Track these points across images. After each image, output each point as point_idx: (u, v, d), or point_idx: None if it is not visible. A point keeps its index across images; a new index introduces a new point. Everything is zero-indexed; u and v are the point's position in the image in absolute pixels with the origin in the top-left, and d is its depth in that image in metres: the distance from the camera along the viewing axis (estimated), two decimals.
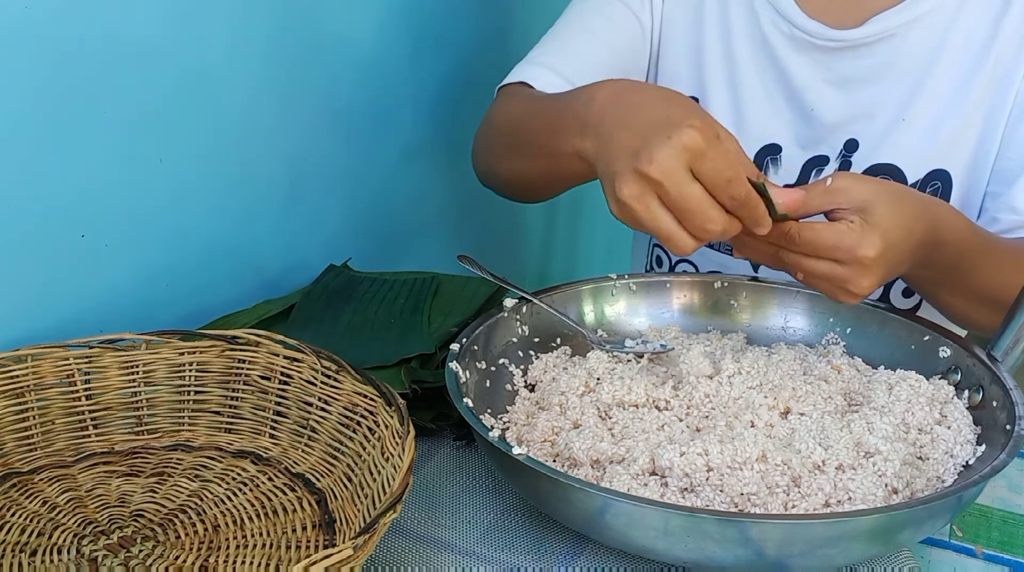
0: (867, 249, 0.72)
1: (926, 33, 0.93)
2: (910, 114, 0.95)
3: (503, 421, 0.79)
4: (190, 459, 0.79)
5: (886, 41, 0.94)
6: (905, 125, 0.95)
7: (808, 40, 0.96)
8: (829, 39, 0.95)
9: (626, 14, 1.02)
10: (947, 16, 0.93)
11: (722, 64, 1.01)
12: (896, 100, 0.95)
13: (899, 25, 0.93)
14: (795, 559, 0.62)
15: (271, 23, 0.99)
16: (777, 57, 0.98)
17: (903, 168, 0.95)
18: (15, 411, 0.77)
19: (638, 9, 1.03)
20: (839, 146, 0.98)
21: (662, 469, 0.68)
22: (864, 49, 0.95)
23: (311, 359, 0.78)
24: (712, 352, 0.84)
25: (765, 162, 1.00)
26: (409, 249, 1.27)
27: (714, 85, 1.02)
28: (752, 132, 1.00)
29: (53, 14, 0.79)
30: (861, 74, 0.96)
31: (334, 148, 1.12)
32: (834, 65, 0.96)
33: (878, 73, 0.95)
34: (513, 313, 0.85)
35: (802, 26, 0.96)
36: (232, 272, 1.01)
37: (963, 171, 0.95)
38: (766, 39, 0.99)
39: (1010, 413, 0.71)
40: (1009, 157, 0.93)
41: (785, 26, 0.97)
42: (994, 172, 0.94)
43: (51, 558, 0.67)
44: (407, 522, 0.73)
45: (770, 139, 1.00)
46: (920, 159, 0.95)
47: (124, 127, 0.87)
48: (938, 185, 0.95)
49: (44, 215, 0.82)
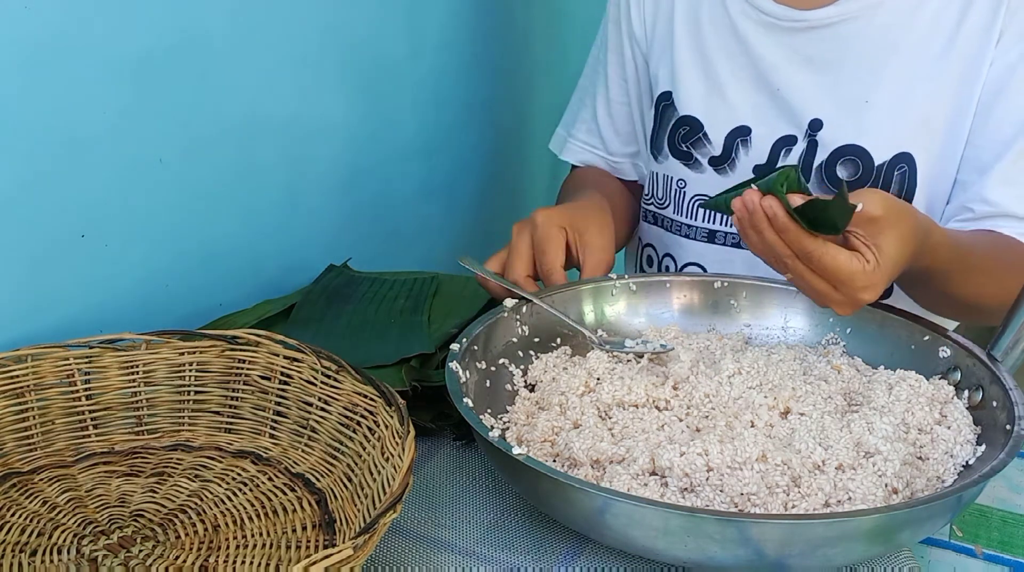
0: (868, 293, 0.75)
1: (890, 15, 0.95)
2: (874, 96, 0.96)
3: (503, 421, 0.79)
4: (190, 459, 0.79)
5: (850, 22, 0.96)
6: (869, 106, 0.96)
7: (774, 23, 0.99)
8: (794, 20, 0.97)
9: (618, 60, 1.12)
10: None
11: (692, 55, 1.05)
12: (860, 81, 0.96)
13: (864, 7, 0.95)
14: (795, 559, 0.62)
15: (271, 23, 0.99)
16: (746, 42, 1.01)
17: (869, 149, 0.96)
18: (15, 411, 0.77)
19: (626, 45, 1.10)
20: (804, 126, 0.99)
21: (662, 469, 0.68)
22: (828, 30, 0.96)
23: (311, 359, 0.78)
24: (712, 352, 0.84)
25: (735, 143, 1.02)
26: (409, 249, 1.27)
27: (685, 76, 1.05)
28: (722, 116, 1.03)
29: (53, 14, 0.79)
30: (825, 55, 0.97)
31: (334, 148, 1.12)
32: (799, 46, 0.98)
33: (842, 54, 0.97)
34: (513, 313, 0.85)
35: (768, 10, 0.99)
36: (232, 272, 1.01)
37: (929, 157, 0.96)
38: (735, 26, 1.01)
39: (1010, 413, 0.71)
40: (980, 146, 0.94)
41: (752, 12, 1.00)
42: (964, 160, 0.95)
43: (51, 558, 0.67)
44: (407, 522, 0.73)
45: (740, 122, 1.02)
46: (886, 141, 0.96)
47: (124, 128, 0.87)
48: (905, 168, 0.96)
49: (44, 215, 0.82)
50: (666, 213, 1.09)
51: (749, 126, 1.02)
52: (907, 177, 0.96)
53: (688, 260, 1.08)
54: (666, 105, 1.07)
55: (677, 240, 1.08)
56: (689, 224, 1.07)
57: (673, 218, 1.08)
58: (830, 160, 0.98)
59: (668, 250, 1.10)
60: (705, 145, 1.04)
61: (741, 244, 1.03)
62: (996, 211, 0.92)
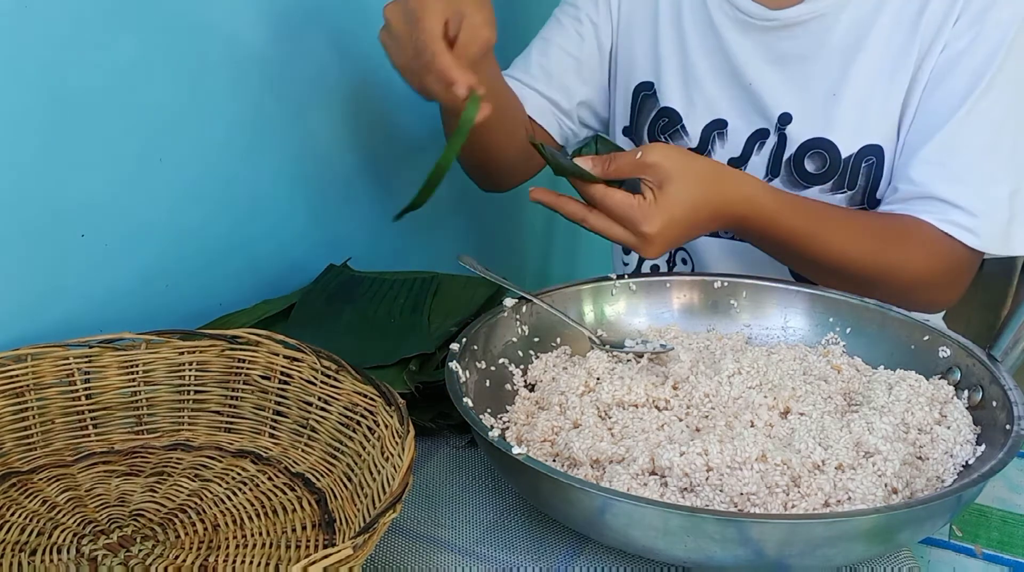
0: (647, 226, 0.83)
1: (857, 13, 0.97)
2: (841, 90, 0.98)
3: (503, 421, 0.79)
4: (190, 459, 0.79)
5: (818, 20, 0.98)
6: (836, 100, 0.98)
7: (749, 21, 1.02)
8: (767, 19, 1.01)
9: (579, 16, 1.12)
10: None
11: (674, 49, 1.07)
12: (828, 76, 0.99)
13: (831, 4, 0.98)
14: (795, 559, 0.62)
15: (271, 23, 0.99)
16: (723, 40, 1.04)
17: (836, 143, 0.99)
18: (15, 411, 0.77)
19: (591, 12, 1.12)
20: (774, 120, 1.02)
21: (662, 469, 0.68)
22: (798, 28, 0.99)
23: (311, 359, 0.78)
24: (712, 352, 0.84)
25: (712, 136, 1.05)
26: (409, 249, 1.26)
27: (667, 69, 1.08)
28: (700, 109, 1.06)
29: (53, 14, 0.79)
30: (795, 52, 1.00)
31: (334, 148, 1.12)
32: (772, 44, 1.01)
33: (811, 51, 0.99)
34: (513, 313, 0.85)
35: (744, 8, 1.02)
36: (232, 272, 1.01)
37: (892, 146, 0.98)
38: (713, 24, 1.04)
39: (1009, 413, 0.71)
40: (916, 129, 0.96)
41: (730, 10, 1.03)
42: (904, 144, 0.97)
43: (51, 558, 0.67)
44: (407, 522, 0.73)
45: (716, 115, 1.06)
46: (852, 134, 0.98)
47: (124, 127, 0.87)
48: (873, 160, 0.98)
49: (44, 215, 0.82)
50: None
51: (726, 119, 1.05)
52: (874, 167, 0.98)
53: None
54: (646, 95, 1.10)
55: None
56: None
57: None
58: (798, 153, 1.01)
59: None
60: (682, 137, 1.07)
61: (719, 232, 1.06)
62: (919, 191, 0.94)
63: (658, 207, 0.83)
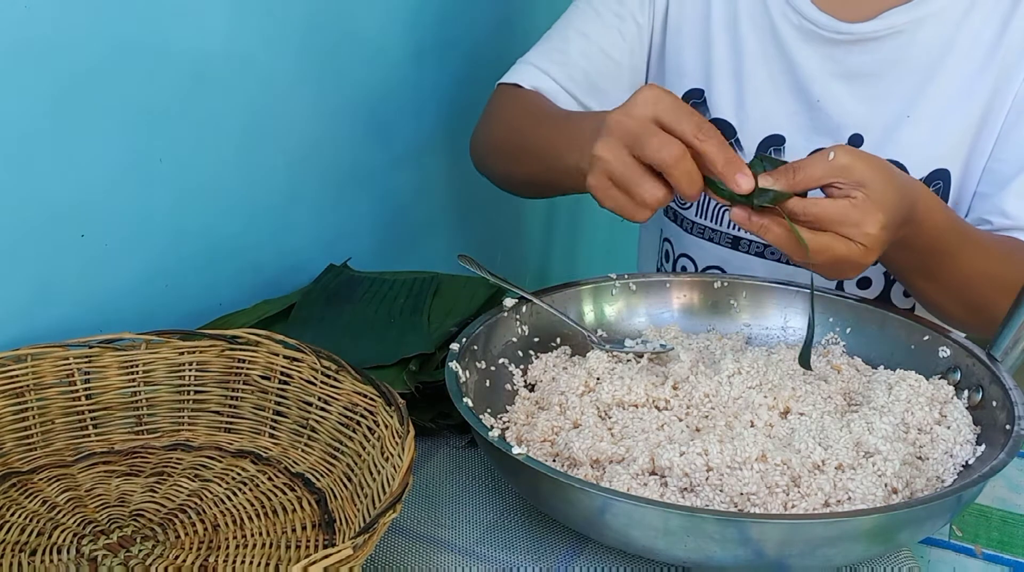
0: (871, 226, 0.74)
1: (936, 30, 0.93)
2: (916, 112, 0.94)
3: (503, 421, 0.79)
4: (190, 459, 0.79)
5: (895, 36, 0.94)
6: (910, 122, 0.95)
7: (817, 32, 0.96)
8: (838, 32, 0.95)
9: (622, 14, 1.04)
10: (957, 14, 0.93)
11: (729, 55, 1.01)
12: (902, 96, 0.95)
13: (909, 21, 0.93)
14: (795, 559, 0.62)
15: (271, 24, 0.99)
16: (785, 48, 0.98)
17: (907, 166, 0.95)
18: (15, 411, 0.77)
19: (636, 10, 1.04)
20: (844, 140, 0.97)
21: (662, 469, 0.68)
22: (873, 43, 0.94)
23: (311, 359, 0.78)
24: (712, 352, 0.84)
25: (768, 152, 1.00)
26: (409, 249, 1.26)
27: (720, 76, 1.01)
28: (755, 122, 1.00)
29: (53, 14, 0.78)
30: (868, 68, 0.95)
31: (334, 148, 1.11)
32: (842, 58, 0.96)
33: (885, 68, 0.95)
34: (513, 313, 0.85)
35: (812, 18, 0.96)
36: (232, 272, 1.01)
37: (960, 170, 0.95)
38: (775, 29, 0.98)
39: (1010, 413, 0.71)
40: (1002, 159, 0.93)
41: (795, 17, 0.97)
42: (986, 172, 0.94)
43: (51, 558, 0.67)
44: (407, 522, 0.73)
45: (774, 130, 1.00)
46: (924, 157, 0.95)
47: (124, 127, 0.87)
48: (940, 184, 0.95)
49: (44, 215, 0.82)
50: (687, 214, 1.06)
51: (783, 135, 1.00)
52: (940, 193, 0.95)
53: (709, 263, 1.06)
54: (696, 103, 1.03)
55: (698, 242, 1.06)
56: (714, 229, 1.04)
57: (695, 220, 1.06)
58: None
59: (685, 250, 1.08)
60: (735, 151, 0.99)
61: (764, 252, 1.02)
62: (1013, 224, 0.91)
63: (873, 204, 0.74)
